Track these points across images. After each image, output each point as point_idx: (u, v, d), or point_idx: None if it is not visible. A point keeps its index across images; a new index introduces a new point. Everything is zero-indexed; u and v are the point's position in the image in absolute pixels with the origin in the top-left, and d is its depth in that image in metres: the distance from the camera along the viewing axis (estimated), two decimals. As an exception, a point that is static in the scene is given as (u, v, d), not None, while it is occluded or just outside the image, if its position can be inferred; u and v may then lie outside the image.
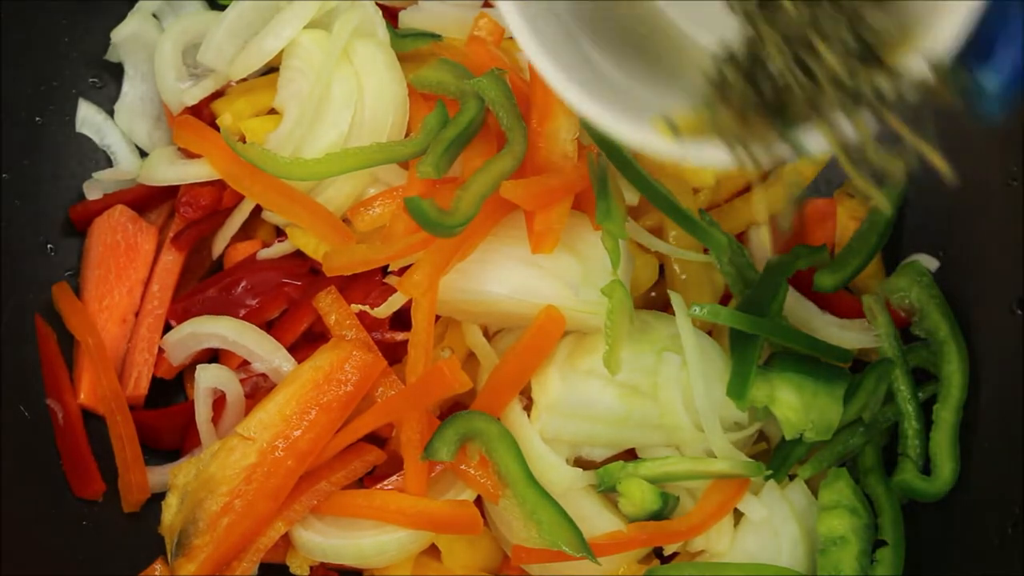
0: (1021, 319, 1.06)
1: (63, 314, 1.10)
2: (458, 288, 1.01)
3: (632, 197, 1.06)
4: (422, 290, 0.98)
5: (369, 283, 1.09)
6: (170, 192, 1.15)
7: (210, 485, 0.99)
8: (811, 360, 1.06)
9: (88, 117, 1.18)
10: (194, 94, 1.15)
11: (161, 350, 1.12)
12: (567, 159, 1.03)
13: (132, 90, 1.21)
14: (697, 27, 0.76)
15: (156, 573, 1.03)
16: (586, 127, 1.03)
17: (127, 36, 1.18)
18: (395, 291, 1.04)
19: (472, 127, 1.03)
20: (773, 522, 1.05)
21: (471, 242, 0.99)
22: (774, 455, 1.08)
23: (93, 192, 1.17)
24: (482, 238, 1.00)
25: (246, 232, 1.16)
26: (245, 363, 1.09)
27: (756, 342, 1.03)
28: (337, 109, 1.09)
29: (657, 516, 1.02)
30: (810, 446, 1.05)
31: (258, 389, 1.09)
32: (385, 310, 1.04)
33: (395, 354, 1.08)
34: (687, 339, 1.01)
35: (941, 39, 0.56)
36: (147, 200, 1.16)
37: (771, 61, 0.59)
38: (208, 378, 1.07)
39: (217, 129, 1.11)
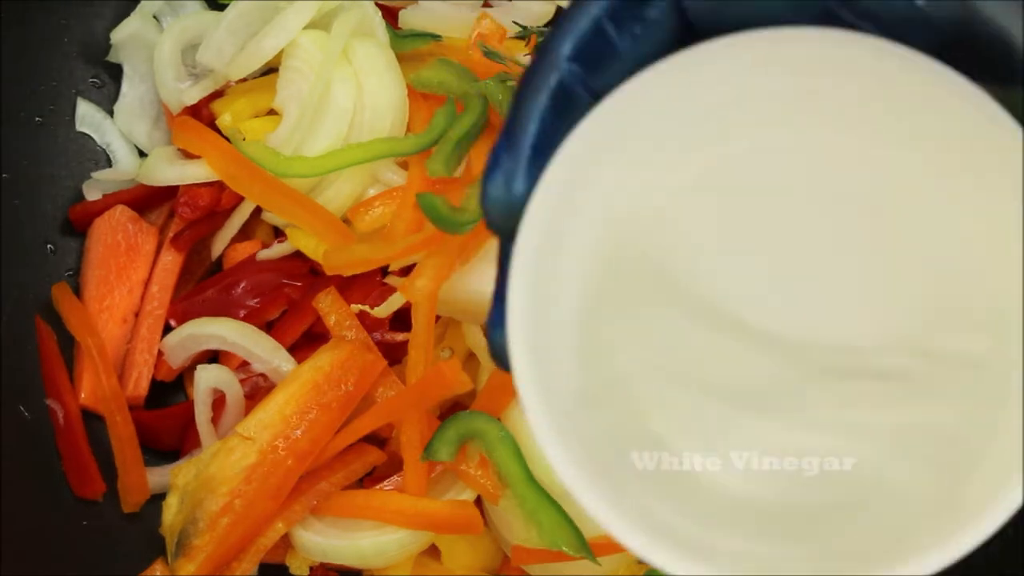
0: (1020, 319, 1.06)
1: (63, 314, 1.10)
2: (458, 288, 1.01)
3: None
4: (426, 295, 0.98)
5: (369, 283, 1.09)
6: (170, 192, 1.14)
7: (210, 485, 0.99)
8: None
9: (88, 115, 1.18)
10: (193, 94, 1.15)
11: (160, 352, 1.12)
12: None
13: (131, 91, 1.21)
14: None
15: (156, 573, 1.03)
16: None
17: (127, 36, 1.18)
18: (395, 291, 1.04)
19: (476, 127, 1.04)
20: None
21: (474, 244, 0.99)
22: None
23: (92, 192, 1.17)
24: (486, 239, 1.00)
25: (245, 233, 1.16)
26: (245, 363, 1.09)
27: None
28: (337, 109, 1.09)
29: (657, 516, 1.02)
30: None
31: (258, 389, 1.09)
32: (385, 310, 1.04)
33: (395, 354, 1.08)
34: None
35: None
36: (147, 200, 1.16)
37: None
38: (208, 378, 1.07)
39: (217, 129, 1.11)
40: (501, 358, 0.50)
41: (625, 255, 0.50)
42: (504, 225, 0.49)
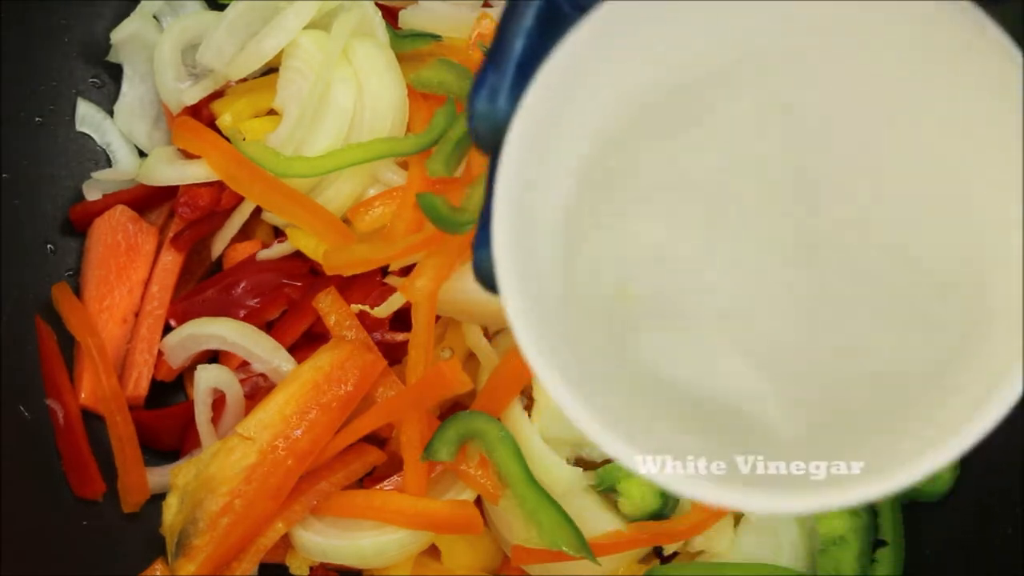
0: (1021, 319, 1.06)
1: (63, 314, 1.10)
2: (458, 288, 1.01)
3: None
4: (426, 295, 0.99)
5: (369, 283, 1.09)
6: (170, 192, 1.14)
7: (210, 485, 0.99)
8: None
9: (88, 115, 1.18)
10: (193, 94, 1.15)
11: (160, 352, 1.12)
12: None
13: (131, 91, 1.20)
14: None
15: (156, 573, 1.03)
16: None
17: (127, 36, 1.18)
18: (395, 291, 1.04)
19: (475, 127, 1.04)
20: (773, 522, 1.05)
21: (473, 244, 0.99)
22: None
23: (92, 192, 1.17)
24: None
25: (245, 232, 1.16)
26: (245, 363, 1.09)
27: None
28: (337, 110, 1.09)
29: (657, 516, 1.02)
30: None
31: (258, 389, 1.09)
32: (385, 310, 1.04)
33: (395, 354, 1.08)
34: None
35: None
36: (147, 200, 1.16)
37: None
38: (208, 378, 1.07)
39: (217, 129, 1.11)
40: (487, 278, 0.50)
41: (610, 169, 0.50)
42: (490, 141, 0.49)
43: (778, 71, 0.49)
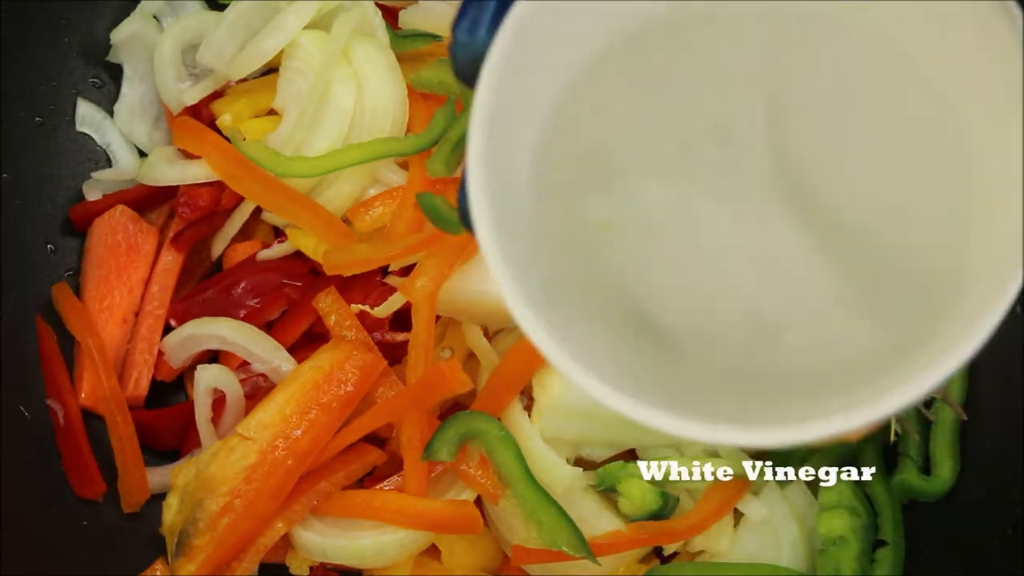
0: (1021, 319, 1.06)
1: (63, 314, 1.10)
2: (458, 288, 1.01)
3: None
4: (426, 295, 0.99)
5: (369, 283, 1.09)
6: (170, 192, 1.14)
7: (210, 485, 0.99)
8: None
9: (88, 115, 1.18)
10: (193, 94, 1.15)
11: (160, 352, 1.12)
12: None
13: (131, 91, 1.20)
14: None
15: (156, 573, 1.03)
16: None
17: (127, 36, 1.18)
18: (395, 291, 1.04)
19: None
20: (773, 522, 1.05)
21: (474, 244, 0.99)
22: (775, 455, 1.08)
23: (92, 192, 1.17)
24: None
25: (245, 233, 1.16)
26: (245, 363, 1.09)
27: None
28: (337, 110, 1.09)
29: (657, 516, 1.02)
30: (810, 446, 1.05)
31: (258, 389, 1.09)
32: (385, 310, 1.04)
33: (395, 354, 1.08)
34: None
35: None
36: (147, 200, 1.16)
37: None
38: (208, 378, 1.07)
39: (217, 129, 1.11)
40: (465, 215, 0.51)
41: (581, 104, 0.51)
42: (470, 71, 0.50)
43: (750, 29, 0.49)
